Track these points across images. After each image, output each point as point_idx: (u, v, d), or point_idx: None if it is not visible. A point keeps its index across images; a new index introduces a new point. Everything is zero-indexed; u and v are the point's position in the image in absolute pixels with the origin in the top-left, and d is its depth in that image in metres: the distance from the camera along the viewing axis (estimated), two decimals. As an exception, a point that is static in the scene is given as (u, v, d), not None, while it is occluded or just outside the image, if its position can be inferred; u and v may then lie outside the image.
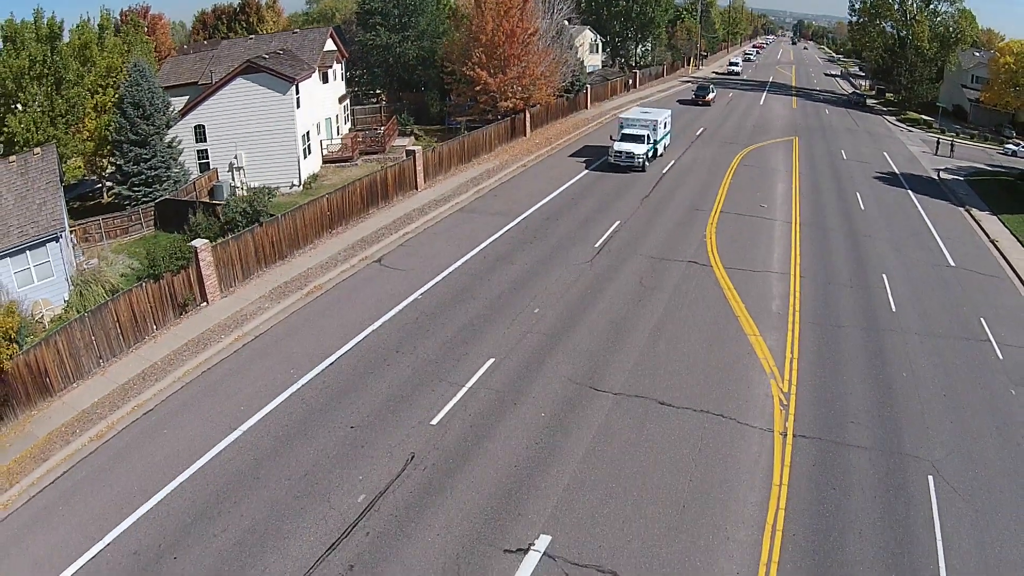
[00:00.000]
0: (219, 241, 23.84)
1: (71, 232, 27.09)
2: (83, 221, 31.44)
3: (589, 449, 16.22)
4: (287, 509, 14.37)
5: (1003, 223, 36.83)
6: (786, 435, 17.04)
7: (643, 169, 40.21)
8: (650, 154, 41.52)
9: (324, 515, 14.18)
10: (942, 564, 13.57)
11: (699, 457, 16.11)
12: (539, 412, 17.49)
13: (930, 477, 15.94)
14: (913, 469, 16.19)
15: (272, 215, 26.66)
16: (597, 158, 42.77)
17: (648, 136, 41.19)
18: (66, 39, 33.45)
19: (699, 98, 68.43)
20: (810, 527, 14.28)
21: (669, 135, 46.28)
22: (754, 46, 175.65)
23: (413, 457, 15.83)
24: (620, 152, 40.52)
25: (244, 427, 16.92)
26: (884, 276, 27.24)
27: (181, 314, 22.36)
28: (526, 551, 13.33)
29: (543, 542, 13.54)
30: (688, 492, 15.01)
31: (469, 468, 15.52)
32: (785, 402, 18.39)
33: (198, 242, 22.77)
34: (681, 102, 67.42)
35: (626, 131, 42.09)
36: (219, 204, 31.13)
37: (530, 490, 14.90)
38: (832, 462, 16.23)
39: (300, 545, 13.47)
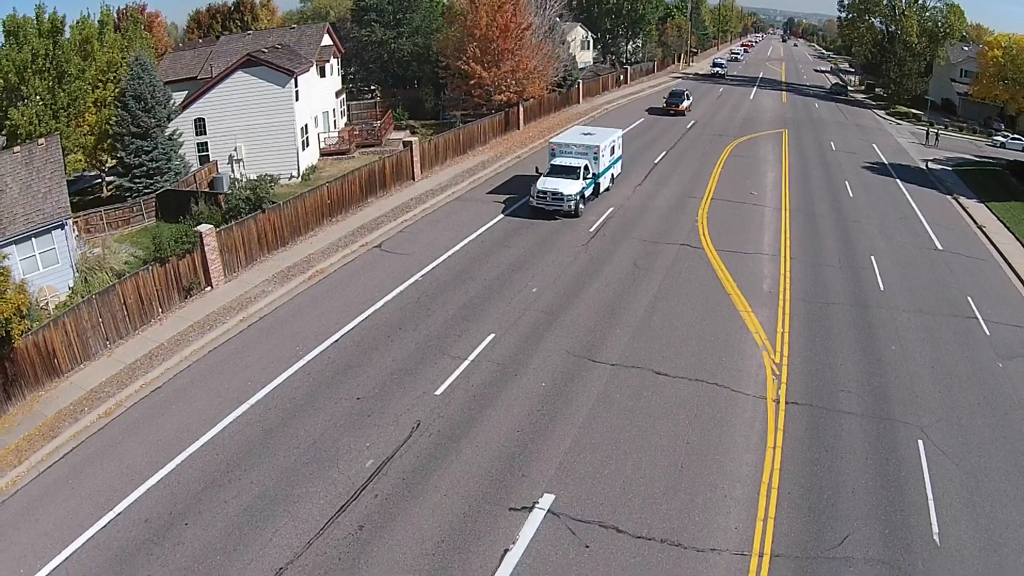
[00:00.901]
0: (223, 227, 24.20)
1: (73, 224, 27.39)
2: (85, 212, 31.77)
3: (589, 415, 16.70)
4: (297, 475, 14.73)
5: (990, 210, 37.49)
6: (779, 402, 17.55)
7: (576, 214, 29.66)
8: (588, 192, 30.99)
9: (333, 480, 14.56)
10: (934, 520, 14.05)
11: (695, 422, 16.61)
12: (540, 382, 17.96)
13: (920, 441, 16.43)
14: (903, 434, 16.71)
15: (274, 202, 27.06)
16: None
17: (586, 168, 30.63)
18: (67, 35, 33.75)
19: (671, 106, 57.68)
20: (805, 485, 14.76)
21: (619, 161, 36.14)
22: (742, 44, 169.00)
23: (419, 424, 16.26)
24: (544, 192, 29.46)
25: (252, 400, 17.28)
26: (872, 258, 27.78)
27: (186, 297, 22.70)
28: (531, 509, 13.77)
29: (547, 500, 13.99)
30: (686, 454, 15.50)
31: (474, 433, 15.96)
32: (777, 372, 18.91)
33: (203, 227, 23.11)
34: (651, 111, 58.76)
35: (556, 161, 31.03)
36: (221, 194, 31.50)
37: (533, 453, 15.36)
38: (824, 427, 16.75)
39: (310, 508, 13.83)
